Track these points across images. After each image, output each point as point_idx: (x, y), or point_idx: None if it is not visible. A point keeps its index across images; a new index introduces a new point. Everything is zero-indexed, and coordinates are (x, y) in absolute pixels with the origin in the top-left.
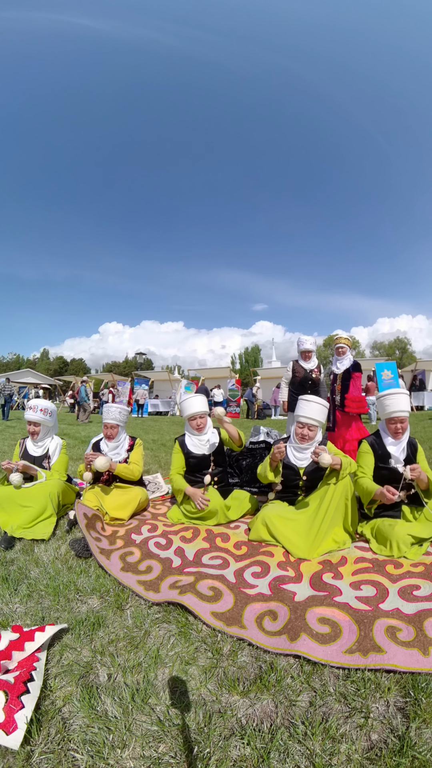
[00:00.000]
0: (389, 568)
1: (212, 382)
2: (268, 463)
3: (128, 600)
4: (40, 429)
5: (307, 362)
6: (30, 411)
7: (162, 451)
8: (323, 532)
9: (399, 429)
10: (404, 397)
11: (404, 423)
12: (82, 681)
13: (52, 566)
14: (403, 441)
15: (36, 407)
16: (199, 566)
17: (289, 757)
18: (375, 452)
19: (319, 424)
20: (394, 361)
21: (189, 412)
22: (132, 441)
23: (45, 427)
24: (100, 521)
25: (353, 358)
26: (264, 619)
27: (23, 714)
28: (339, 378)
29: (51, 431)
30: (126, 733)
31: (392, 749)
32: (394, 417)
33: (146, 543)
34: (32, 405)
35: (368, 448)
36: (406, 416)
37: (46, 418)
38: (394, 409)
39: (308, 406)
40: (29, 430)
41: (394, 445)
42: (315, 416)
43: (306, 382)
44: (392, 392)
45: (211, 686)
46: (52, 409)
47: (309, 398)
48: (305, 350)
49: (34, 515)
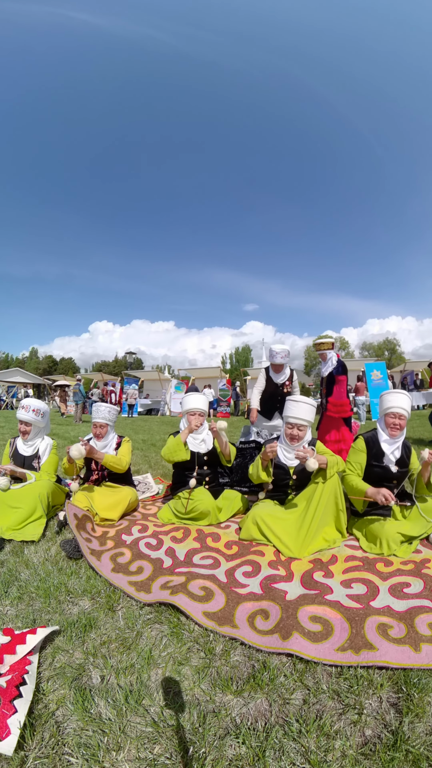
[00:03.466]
0: (379, 566)
1: (202, 381)
2: (260, 463)
3: (120, 601)
4: (32, 429)
5: (278, 375)
6: (22, 410)
7: (152, 451)
8: (313, 530)
9: (396, 424)
10: (405, 396)
11: (402, 420)
12: (75, 683)
13: (42, 568)
14: (399, 440)
15: (29, 407)
16: (190, 566)
17: (285, 754)
18: (369, 450)
19: (308, 423)
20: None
21: (189, 406)
22: (119, 439)
23: (36, 427)
24: (91, 522)
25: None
26: (256, 618)
27: (16, 719)
28: (324, 381)
29: (42, 431)
30: (121, 735)
31: (386, 744)
32: (393, 411)
33: (137, 543)
34: (25, 404)
35: (363, 445)
36: (404, 413)
37: (38, 419)
38: (394, 404)
39: (296, 407)
40: (20, 429)
41: (388, 444)
42: (303, 416)
43: (275, 397)
44: (394, 391)
45: (205, 686)
46: (45, 410)
47: (297, 398)
48: (275, 364)
49: (24, 516)
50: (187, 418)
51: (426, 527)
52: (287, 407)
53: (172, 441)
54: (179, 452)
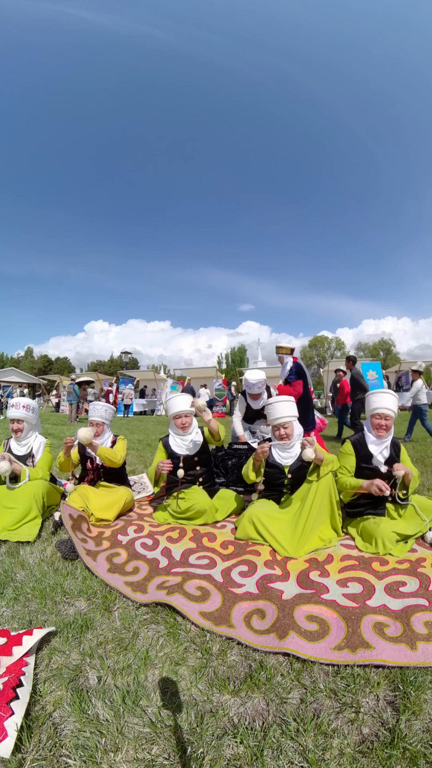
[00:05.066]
0: (375, 566)
1: (198, 381)
2: (251, 463)
3: (116, 601)
4: (24, 426)
5: (256, 402)
6: (12, 408)
7: (147, 451)
8: (308, 530)
9: (383, 425)
10: (391, 396)
11: (388, 420)
12: (72, 685)
13: (38, 569)
14: (386, 440)
15: (18, 404)
16: (186, 566)
17: (283, 753)
18: (357, 452)
19: (292, 418)
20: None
21: (174, 410)
22: (115, 438)
23: (28, 424)
24: (86, 522)
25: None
26: (252, 617)
27: (13, 721)
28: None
29: (34, 429)
30: (118, 736)
31: (383, 742)
32: (379, 413)
33: (133, 544)
34: (14, 403)
35: (350, 449)
36: (390, 414)
37: (29, 415)
38: (379, 405)
39: (275, 409)
40: (12, 428)
41: (375, 444)
42: (284, 414)
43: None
44: (380, 391)
45: (202, 686)
46: (34, 406)
47: (272, 400)
48: (251, 394)
49: (19, 517)
50: (175, 422)
51: (421, 526)
52: (268, 413)
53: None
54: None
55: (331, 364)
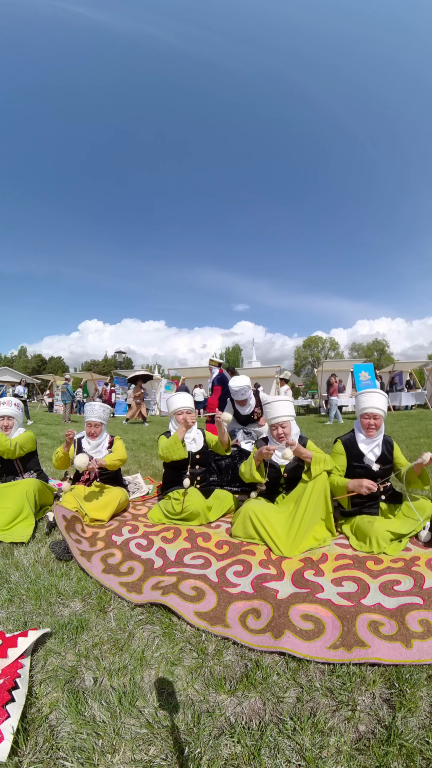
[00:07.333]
0: (369, 564)
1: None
2: (253, 462)
3: (111, 602)
4: (13, 423)
5: (243, 408)
6: (4, 406)
7: (142, 452)
8: (303, 529)
9: (372, 425)
10: (380, 395)
11: (377, 420)
12: (68, 686)
13: (32, 569)
14: (377, 439)
15: (9, 402)
16: (181, 566)
17: (280, 752)
18: (348, 452)
19: (290, 417)
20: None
21: (176, 406)
22: (111, 438)
23: (16, 421)
24: (80, 523)
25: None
26: (248, 617)
27: (9, 724)
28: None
29: (18, 424)
30: (115, 738)
31: (380, 739)
32: (367, 412)
33: (127, 544)
34: (3, 401)
35: (341, 448)
36: (379, 413)
37: (18, 411)
38: (369, 405)
39: (274, 408)
40: (2, 425)
41: (365, 443)
42: (282, 413)
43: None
44: (368, 391)
45: (198, 686)
46: (18, 402)
47: (271, 399)
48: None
49: (11, 516)
50: (176, 418)
51: (415, 525)
52: (266, 412)
53: (167, 440)
54: (178, 450)
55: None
